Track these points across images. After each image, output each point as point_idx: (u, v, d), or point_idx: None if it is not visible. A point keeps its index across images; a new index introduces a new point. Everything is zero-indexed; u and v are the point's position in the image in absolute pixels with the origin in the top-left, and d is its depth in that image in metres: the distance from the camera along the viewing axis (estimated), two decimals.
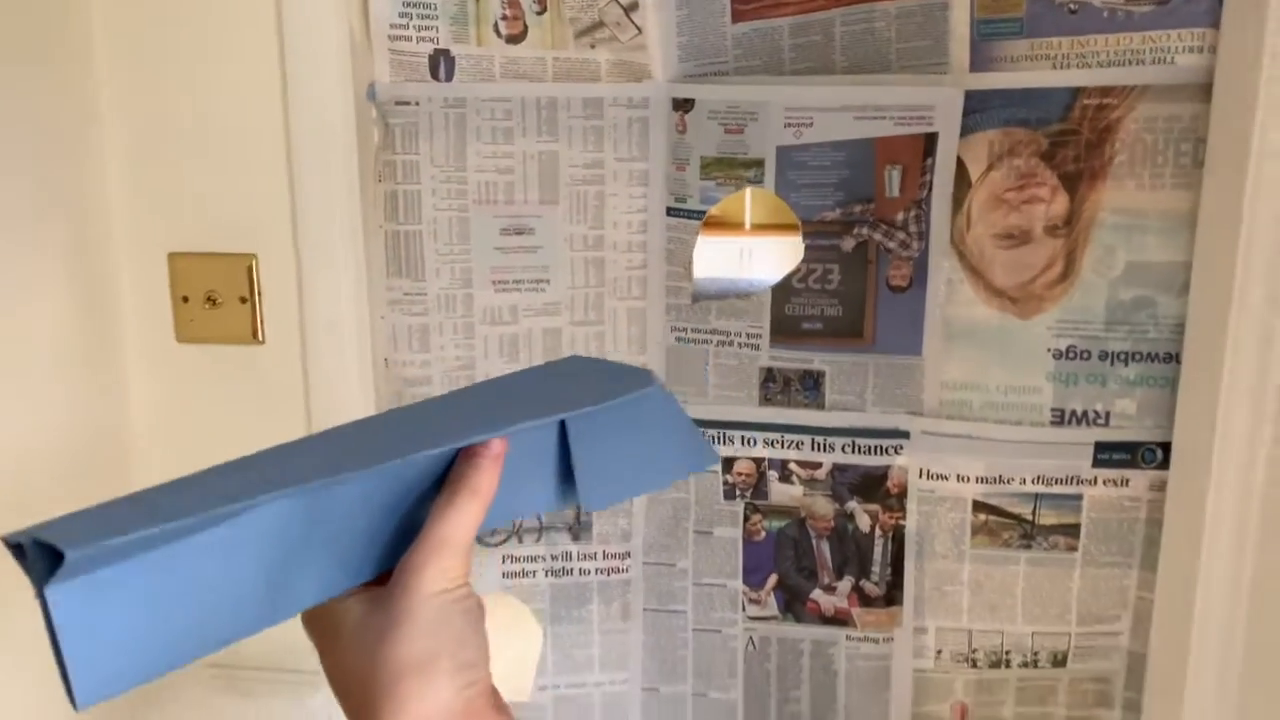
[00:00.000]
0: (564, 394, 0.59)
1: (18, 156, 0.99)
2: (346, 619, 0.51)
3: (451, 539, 0.50)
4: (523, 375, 0.67)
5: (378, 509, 0.51)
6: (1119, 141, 1.05)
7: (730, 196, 1.14)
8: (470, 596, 0.51)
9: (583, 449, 0.57)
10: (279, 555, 0.47)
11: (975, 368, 1.13)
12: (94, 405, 1.11)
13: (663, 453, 0.62)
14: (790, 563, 1.22)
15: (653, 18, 1.10)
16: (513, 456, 0.54)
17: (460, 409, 0.58)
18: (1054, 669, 1.19)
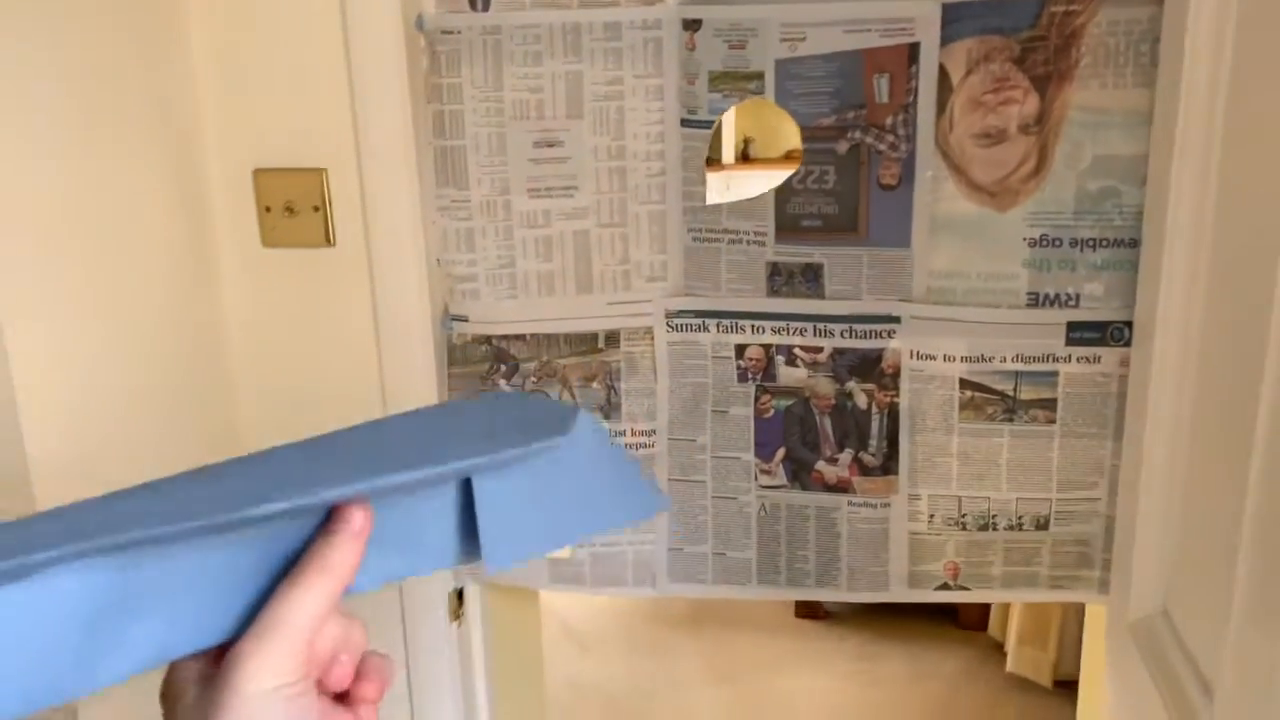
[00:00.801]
0: (467, 440, 0.52)
1: (128, 91, 1.18)
2: (183, 698, 0.45)
3: (287, 624, 0.44)
4: (431, 413, 0.60)
5: (223, 568, 0.45)
6: (1084, 45, 1.15)
7: (736, 106, 1.28)
8: (305, 695, 0.45)
9: (487, 503, 0.51)
10: (90, 617, 0.41)
11: (958, 257, 1.25)
12: (195, 303, 1.31)
13: (591, 503, 0.56)
14: (797, 437, 1.37)
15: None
16: (397, 513, 0.49)
17: (348, 453, 0.52)
18: (1037, 532, 1.32)
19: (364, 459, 0.49)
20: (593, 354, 1.38)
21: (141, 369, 1.21)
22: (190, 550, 0.44)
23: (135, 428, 1.20)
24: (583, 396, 1.39)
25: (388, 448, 0.52)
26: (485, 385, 1.38)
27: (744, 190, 1.32)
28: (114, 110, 1.16)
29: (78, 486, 1.07)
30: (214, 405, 1.35)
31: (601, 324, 1.37)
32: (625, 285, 1.35)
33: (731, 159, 4.04)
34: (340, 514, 0.47)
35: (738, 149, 4.32)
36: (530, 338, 1.38)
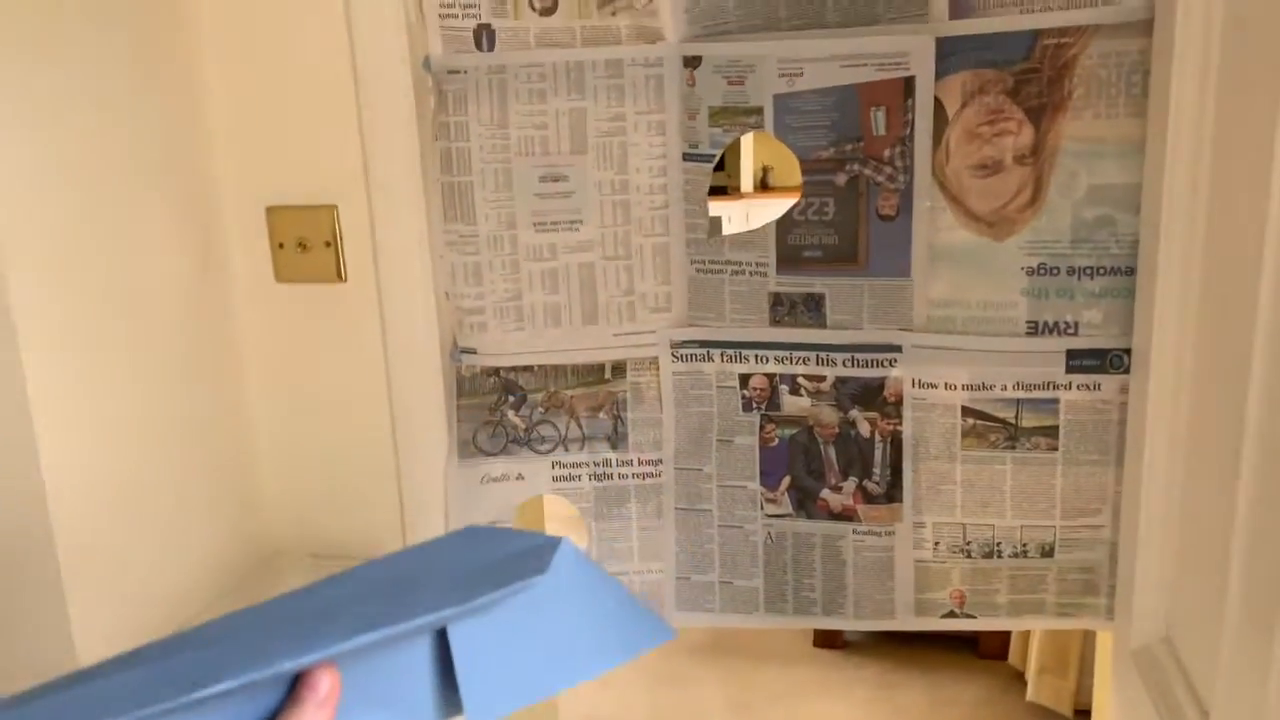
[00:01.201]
0: (441, 585, 0.50)
1: (142, 136, 1.22)
2: None
3: None
4: (404, 557, 0.57)
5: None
6: (1076, 76, 1.17)
7: (736, 140, 1.30)
8: None
9: (465, 652, 0.48)
10: None
11: (958, 286, 1.27)
12: (209, 339, 1.35)
13: (581, 641, 0.53)
14: (801, 466, 1.38)
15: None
16: (369, 669, 0.47)
17: (315, 612, 0.49)
18: (1042, 559, 1.33)
19: (331, 617, 0.47)
20: (599, 384, 1.40)
21: (157, 402, 1.24)
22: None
23: (150, 459, 1.23)
24: (590, 427, 1.41)
25: (357, 602, 0.49)
26: (494, 416, 1.41)
27: (745, 222, 1.34)
28: (129, 148, 1.20)
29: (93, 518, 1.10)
30: (227, 438, 1.38)
31: (607, 355, 1.39)
32: (630, 316, 1.37)
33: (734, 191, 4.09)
34: (306, 680, 0.45)
35: (741, 181, 4.39)
36: (538, 369, 1.40)
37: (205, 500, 1.33)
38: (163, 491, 1.25)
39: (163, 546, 1.25)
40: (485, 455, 1.42)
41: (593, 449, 1.42)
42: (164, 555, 1.25)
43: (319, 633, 0.45)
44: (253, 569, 1.41)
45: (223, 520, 1.37)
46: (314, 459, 1.42)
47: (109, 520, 1.16)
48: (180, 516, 1.28)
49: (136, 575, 1.21)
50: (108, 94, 1.16)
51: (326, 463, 1.42)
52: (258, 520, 1.44)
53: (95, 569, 1.13)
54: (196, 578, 1.31)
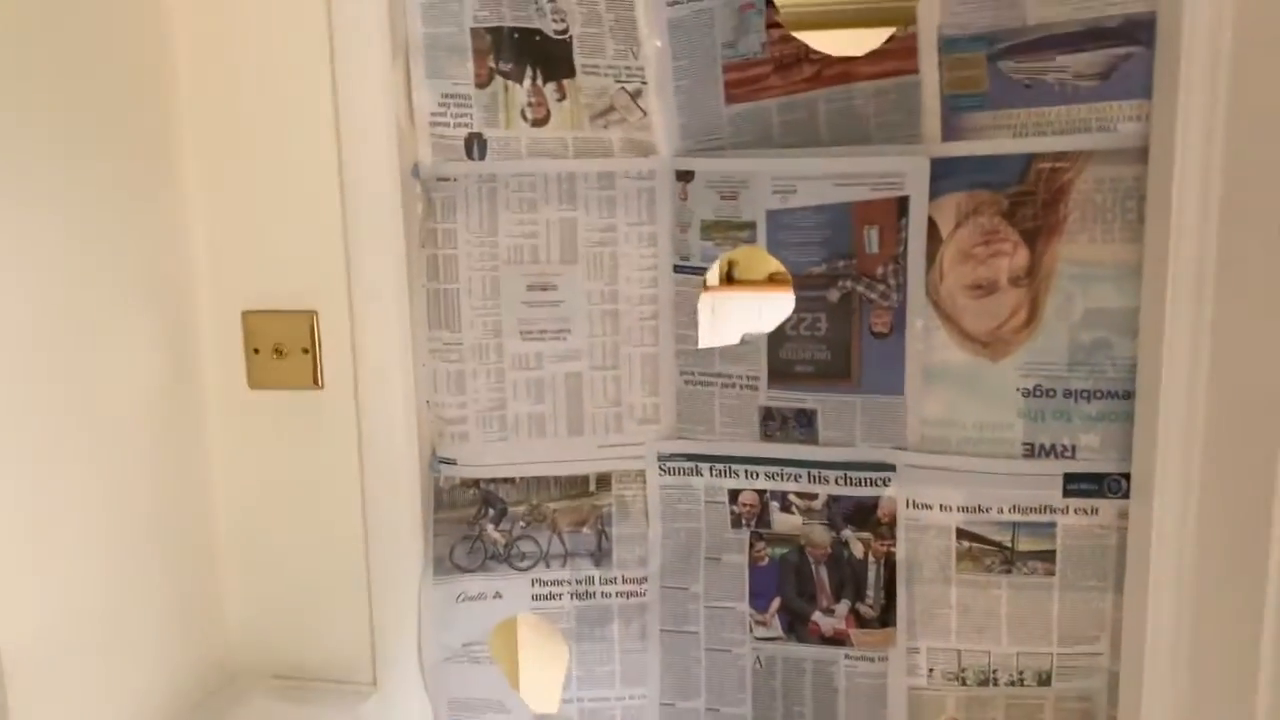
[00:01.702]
0: None
1: (118, 234, 1.18)
2: None
3: None
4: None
5: None
6: (1072, 201, 1.17)
7: (728, 254, 1.29)
8: None
9: None
10: None
11: (952, 406, 1.25)
12: (177, 444, 1.29)
13: None
14: (792, 587, 1.33)
15: (656, 103, 1.26)
16: None
17: None
18: (1039, 687, 1.28)
19: None
20: (583, 497, 1.36)
21: (118, 513, 1.18)
22: None
23: (108, 574, 1.16)
24: (573, 542, 1.36)
25: None
26: (472, 530, 1.35)
27: (736, 335, 1.32)
28: (101, 245, 1.16)
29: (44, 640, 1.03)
30: (191, 552, 1.31)
31: (593, 466, 1.35)
32: (617, 427, 1.34)
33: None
34: None
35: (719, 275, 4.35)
36: (520, 481, 1.35)
37: (164, 619, 1.26)
38: (118, 614, 1.18)
39: (117, 669, 1.17)
40: (462, 572, 1.36)
41: (575, 566, 1.36)
42: (117, 679, 1.17)
43: None
44: (212, 691, 1.33)
45: (183, 640, 1.29)
46: (281, 575, 1.36)
47: (59, 646, 1.08)
48: (136, 640, 1.21)
49: (88, 701, 1.13)
50: (80, 190, 1.12)
51: (294, 579, 1.35)
52: (219, 639, 1.36)
53: (44, 702, 1.05)
54: (152, 703, 1.23)
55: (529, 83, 1.25)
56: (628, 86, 1.25)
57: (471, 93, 1.26)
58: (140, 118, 1.22)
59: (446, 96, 1.26)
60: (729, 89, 1.25)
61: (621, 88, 1.25)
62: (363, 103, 1.22)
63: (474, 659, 1.37)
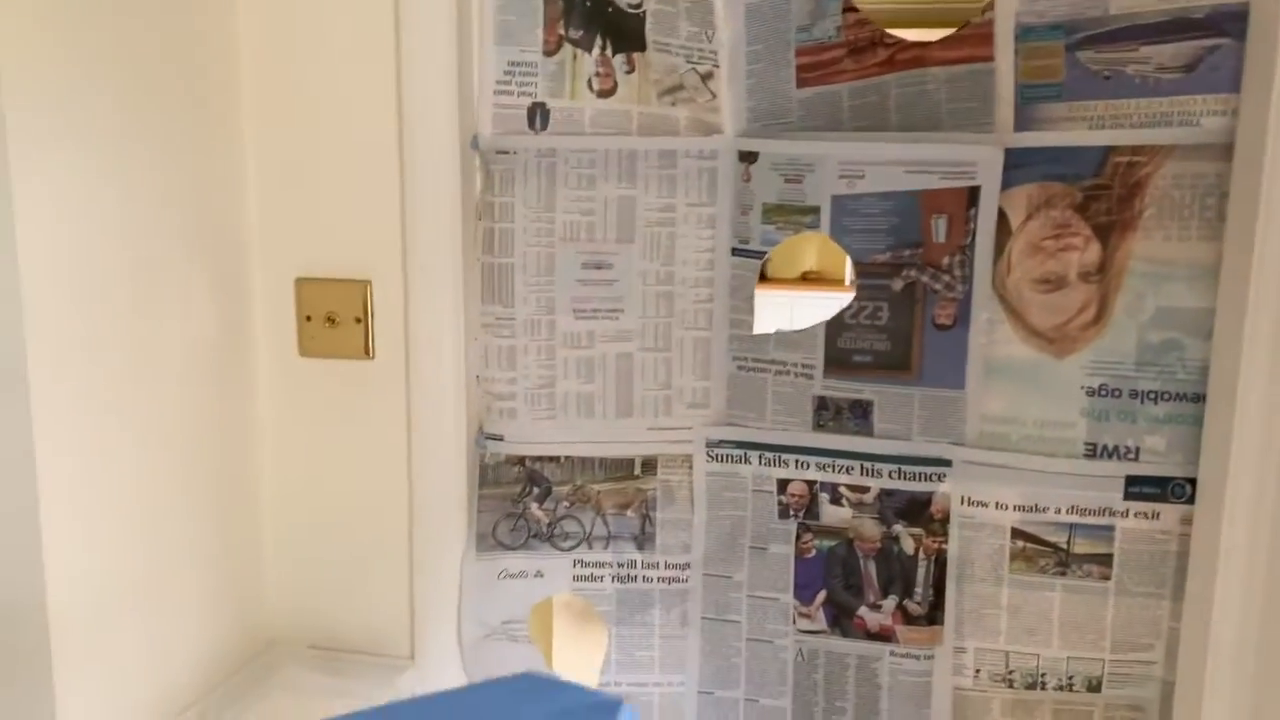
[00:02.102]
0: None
1: (175, 196, 1.17)
2: None
3: None
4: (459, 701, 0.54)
5: None
6: (1148, 196, 1.14)
7: (789, 239, 1.26)
8: None
9: None
10: None
11: (1014, 402, 1.22)
12: (228, 410, 1.28)
13: None
14: (839, 580, 1.31)
15: (726, 86, 1.23)
16: None
17: None
18: (1089, 694, 1.25)
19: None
20: (629, 480, 1.34)
21: (166, 474, 1.17)
22: None
23: (154, 535, 1.16)
24: (616, 525, 1.34)
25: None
26: (516, 508, 1.34)
27: (793, 321, 1.29)
28: (161, 207, 1.14)
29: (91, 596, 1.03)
30: (235, 517, 1.31)
31: (640, 449, 1.33)
32: (666, 410, 1.32)
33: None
34: None
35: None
36: (565, 460, 1.33)
37: (206, 586, 1.25)
38: (161, 576, 1.17)
39: (158, 631, 1.17)
40: (505, 549, 1.34)
41: (618, 549, 1.35)
42: (157, 641, 1.17)
43: None
44: (248, 659, 1.32)
45: (224, 605, 1.28)
46: (324, 544, 1.35)
47: (106, 600, 1.08)
48: (178, 603, 1.20)
49: (128, 666, 1.12)
50: (142, 147, 1.11)
51: (337, 549, 1.34)
52: (258, 606, 1.36)
53: (87, 658, 1.05)
54: (189, 666, 1.22)
55: (598, 52, 1.23)
56: (699, 68, 1.23)
57: (539, 60, 1.24)
58: (203, 79, 1.21)
59: (513, 64, 1.24)
60: (800, 73, 1.22)
61: (692, 68, 1.23)
62: (426, 70, 1.21)
63: (512, 637, 1.35)
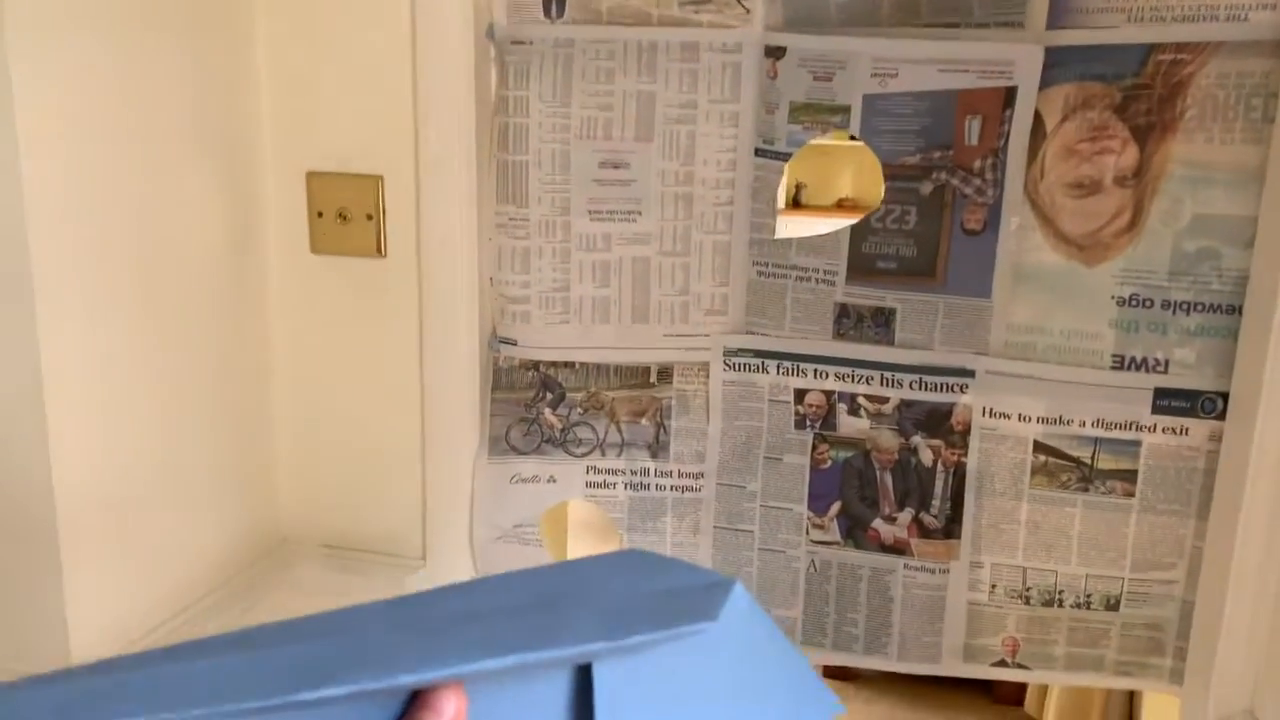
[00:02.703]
0: (591, 614, 0.44)
1: (184, 87, 1.14)
2: None
3: None
4: (552, 573, 0.50)
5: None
6: (1190, 96, 1.08)
7: (816, 139, 1.22)
8: None
9: (608, 695, 0.42)
10: None
11: (1041, 311, 1.18)
12: (239, 307, 1.26)
13: (739, 703, 0.47)
14: (854, 491, 1.29)
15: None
16: (497, 699, 0.42)
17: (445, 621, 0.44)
18: (1106, 612, 1.23)
19: (467, 630, 0.41)
20: (643, 388, 1.32)
21: (174, 374, 1.16)
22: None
23: (163, 434, 1.15)
24: (630, 433, 1.32)
25: (500, 616, 0.42)
26: (529, 413, 1.32)
27: (816, 226, 1.26)
28: (166, 98, 1.11)
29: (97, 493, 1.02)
30: (246, 416, 1.30)
31: (655, 356, 1.30)
32: (683, 317, 1.29)
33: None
34: (427, 701, 0.38)
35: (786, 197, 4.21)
36: (579, 366, 1.31)
37: (217, 482, 1.25)
38: (172, 470, 1.17)
39: (168, 529, 1.17)
40: (517, 454, 1.33)
41: (631, 456, 1.33)
42: (168, 538, 1.17)
43: (451, 647, 0.39)
44: (260, 556, 1.33)
45: (234, 504, 1.28)
46: (336, 443, 1.34)
47: (113, 498, 1.08)
48: (189, 498, 1.20)
49: (137, 558, 1.12)
50: (150, 43, 1.08)
51: (349, 448, 1.33)
52: (271, 505, 1.35)
53: (95, 549, 1.05)
54: (200, 564, 1.22)
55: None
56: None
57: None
58: None
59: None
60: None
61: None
62: None
63: (524, 540, 1.35)
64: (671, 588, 0.46)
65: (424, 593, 0.44)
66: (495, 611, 0.43)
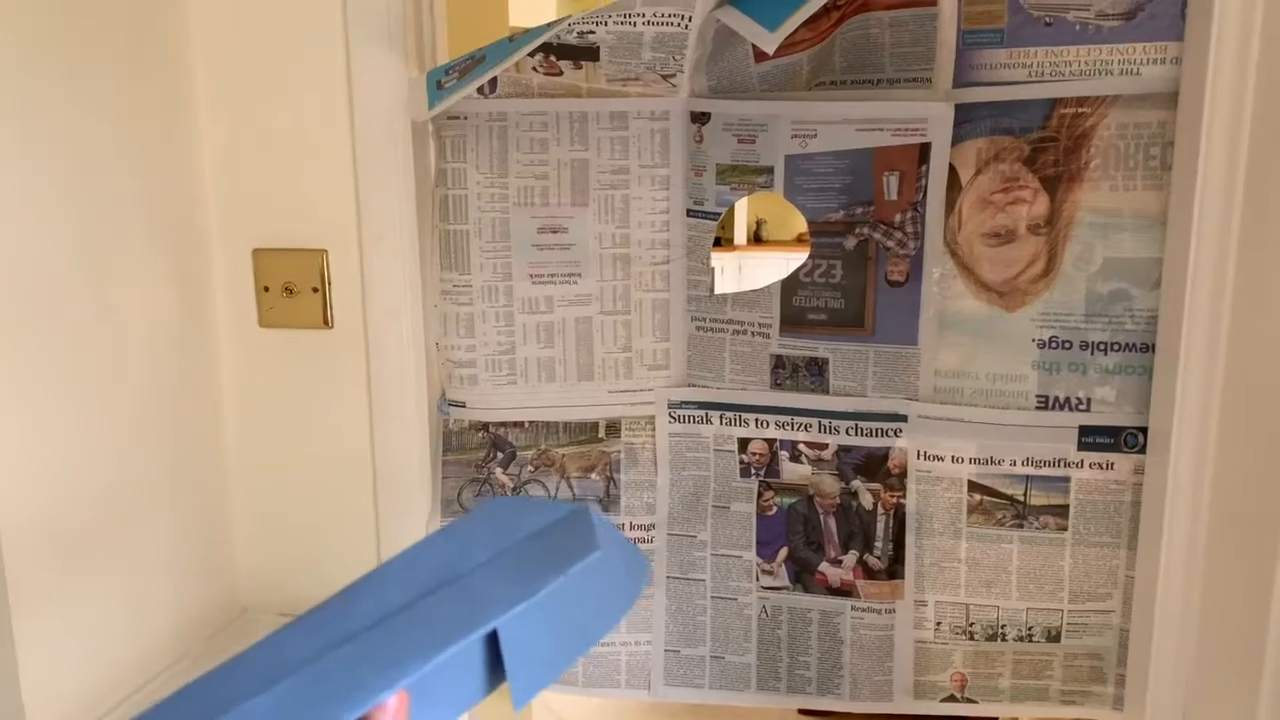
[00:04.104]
0: (498, 573, 0.50)
1: (130, 169, 1.18)
2: None
3: None
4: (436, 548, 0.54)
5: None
6: (1094, 147, 1.14)
7: (743, 199, 1.26)
8: None
9: (515, 644, 0.49)
10: None
11: (966, 356, 1.23)
12: (190, 382, 1.29)
13: (605, 601, 0.55)
14: (800, 537, 1.32)
15: (686, 79, 1.22)
16: (426, 674, 0.47)
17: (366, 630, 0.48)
18: (1049, 644, 1.27)
19: (392, 635, 0.46)
20: (592, 443, 1.35)
21: (126, 448, 1.18)
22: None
23: (116, 508, 1.17)
24: (581, 488, 1.35)
25: (414, 610, 0.48)
26: (481, 474, 1.35)
27: (749, 281, 1.30)
28: (113, 179, 1.15)
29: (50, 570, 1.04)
30: (200, 489, 1.32)
31: (602, 412, 1.34)
32: (627, 373, 1.33)
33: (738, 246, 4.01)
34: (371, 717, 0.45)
35: (747, 233, 4.29)
36: (529, 425, 1.35)
37: (172, 555, 1.26)
38: (127, 544, 1.18)
39: (122, 604, 1.18)
40: None
41: None
42: (123, 613, 1.18)
43: (395, 657, 0.45)
44: (220, 628, 1.34)
45: (193, 577, 1.30)
46: (290, 513, 1.36)
47: (67, 574, 1.09)
48: (143, 572, 1.22)
49: (94, 633, 1.14)
50: (94, 123, 1.11)
51: (303, 517, 1.36)
52: (226, 577, 1.37)
53: (50, 624, 1.06)
54: (157, 637, 1.24)
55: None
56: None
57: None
58: (153, 50, 1.21)
59: None
60: (758, 52, 1.21)
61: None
62: (374, 38, 1.21)
63: None
64: (543, 527, 0.53)
65: (333, 601, 0.49)
66: (412, 601, 0.48)
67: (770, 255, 4.15)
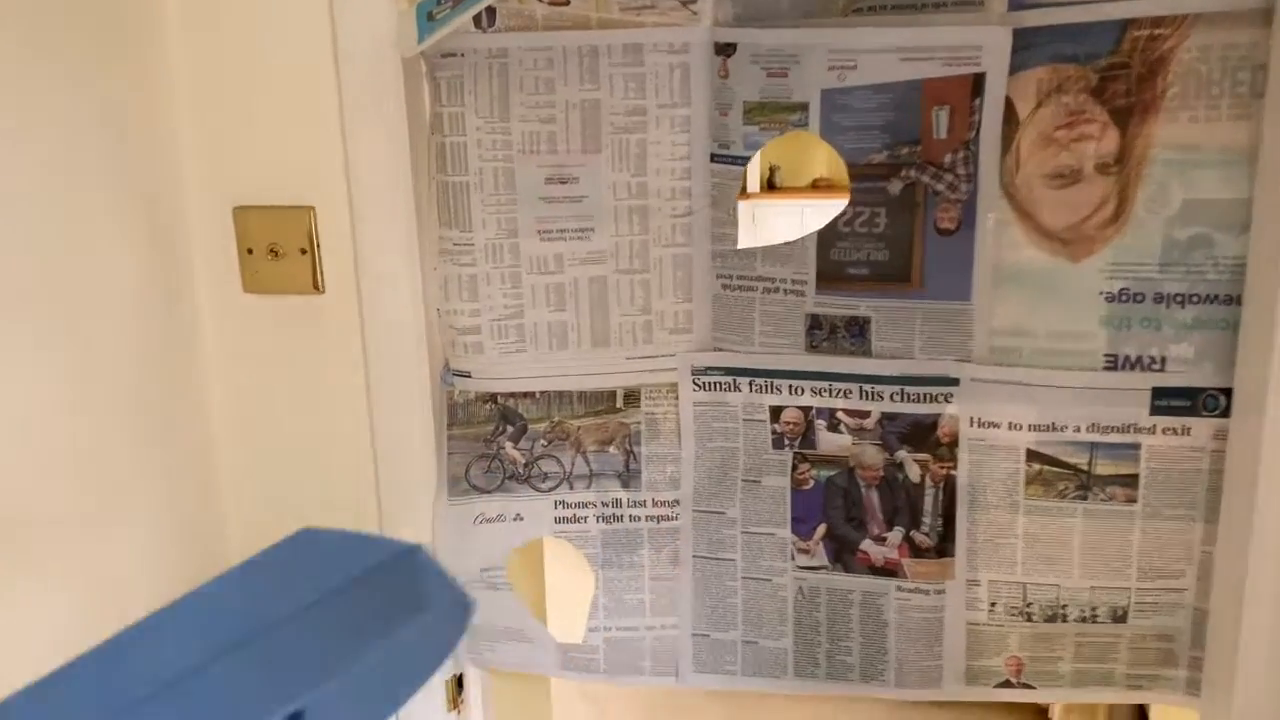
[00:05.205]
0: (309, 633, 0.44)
1: (91, 119, 1.05)
2: None
3: None
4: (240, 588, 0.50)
5: None
6: (1171, 74, 1.01)
7: (774, 141, 1.14)
8: None
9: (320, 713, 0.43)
10: None
11: (1026, 313, 1.10)
12: (168, 353, 1.18)
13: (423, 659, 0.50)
14: (839, 512, 1.21)
15: (709, 1, 1.09)
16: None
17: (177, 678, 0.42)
18: (1114, 625, 1.16)
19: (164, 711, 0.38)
20: (610, 414, 1.24)
21: (102, 430, 1.07)
22: None
23: (96, 493, 1.06)
24: (598, 462, 1.24)
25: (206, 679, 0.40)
26: (489, 449, 1.24)
27: (781, 233, 1.17)
28: (73, 135, 1.03)
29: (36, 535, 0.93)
30: (185, 473, 1.21)
31: (620, 380, 1.22)
32: (646, 338, 1.21)
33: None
34: None
35: (760, 181, 4.08)
36: (540, 395, 1.23)
37: (159, 538, 1.16)
38: (112, 528, 1.08)
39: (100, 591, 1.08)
40: (479, 493, 1.25)
41: (601, 487, 1.25)
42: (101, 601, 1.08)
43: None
44: None
45: (180, 560, 1.19)
46: (285, 494, 1.25)
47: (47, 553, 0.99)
48: (131, 556, 1.11)
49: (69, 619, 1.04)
50: (48, 64, 0.99)
51: (299, 499, 1.25)
52: (219, 561, 1.27)
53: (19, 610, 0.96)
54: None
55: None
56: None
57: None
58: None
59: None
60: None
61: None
62: None
63: (492, 585, 1.27)
64: (364, 571, 0.47)
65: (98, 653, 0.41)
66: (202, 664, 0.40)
67: (785, 203, 3.98)
